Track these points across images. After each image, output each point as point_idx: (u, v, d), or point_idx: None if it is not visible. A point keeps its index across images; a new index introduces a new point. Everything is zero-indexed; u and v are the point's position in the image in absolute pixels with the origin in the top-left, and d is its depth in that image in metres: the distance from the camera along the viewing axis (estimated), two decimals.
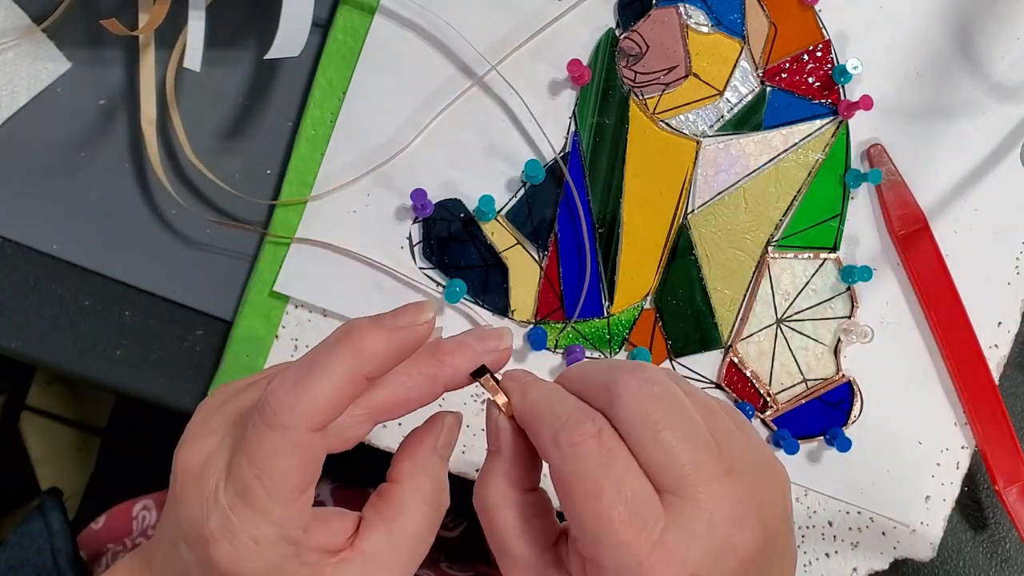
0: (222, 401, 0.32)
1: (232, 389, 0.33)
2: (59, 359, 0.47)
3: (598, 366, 0.30)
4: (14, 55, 0.46)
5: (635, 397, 0.28)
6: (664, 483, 0.27)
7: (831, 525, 0.50)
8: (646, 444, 0.27)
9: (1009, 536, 0.52)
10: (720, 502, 0.27)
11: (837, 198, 0.49)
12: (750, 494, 0.28)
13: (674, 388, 0.29)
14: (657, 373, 0.29)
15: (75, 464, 1.15)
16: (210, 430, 0.30)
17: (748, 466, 0.29)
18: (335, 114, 0.47)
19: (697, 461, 0.27)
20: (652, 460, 0.27)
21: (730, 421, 0.30)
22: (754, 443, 0.30)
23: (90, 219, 0.47)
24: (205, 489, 0.28)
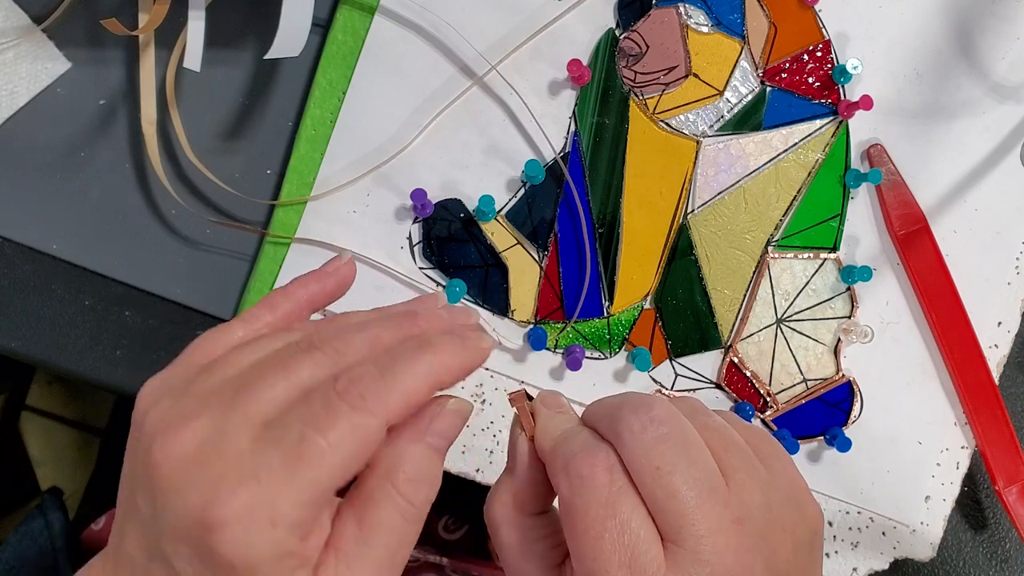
0: (178, 381, 0.30)
1: (182, 371, 0.31)
2: (59, 359, 0.47)
3: (609, 402, 0.30)
4: (14, 55, 0.46)
5: (638, 439, 0.27)
6: (667, 531, 0.27)
7: (831, 525, 0.50)
8: (649, 488, 0.27)
9: (1009, 536, 0.52)
10: (723, 554, 0.26)
11: (837, 198, 0.49)
12: (759, 543, 0.27)
13: (682, 428, 0.28)
14: (664, 410, 0.28)
15: (75, 464, 1.15)
16: (188, 415, 0.27)
17: (765, 509, 0.28)
18: (335, 114, 0.47)
19: (701, 510, 0.26)
20: (656, 505, 0.27)
21: (754, 457, 0.29)
22: (780, 482, 0.29)
23: (90, 219, 0.47)
24: (208, 470, 0.26)
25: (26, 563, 0.52)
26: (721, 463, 0.28)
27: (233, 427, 0.27)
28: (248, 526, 0.25)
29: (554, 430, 0.30)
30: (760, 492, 0.28)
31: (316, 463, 0.26)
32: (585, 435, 0.29)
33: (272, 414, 0.27)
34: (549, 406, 0.31)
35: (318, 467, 0.26)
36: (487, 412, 0.48)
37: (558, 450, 0.29)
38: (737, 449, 0.29)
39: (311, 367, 0.28)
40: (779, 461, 0.30)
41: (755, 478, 0.28)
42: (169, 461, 0.27)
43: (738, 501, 0.27)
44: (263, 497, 0.25)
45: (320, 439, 0.26)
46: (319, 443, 0.26)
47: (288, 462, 0.26)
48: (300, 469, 0.26)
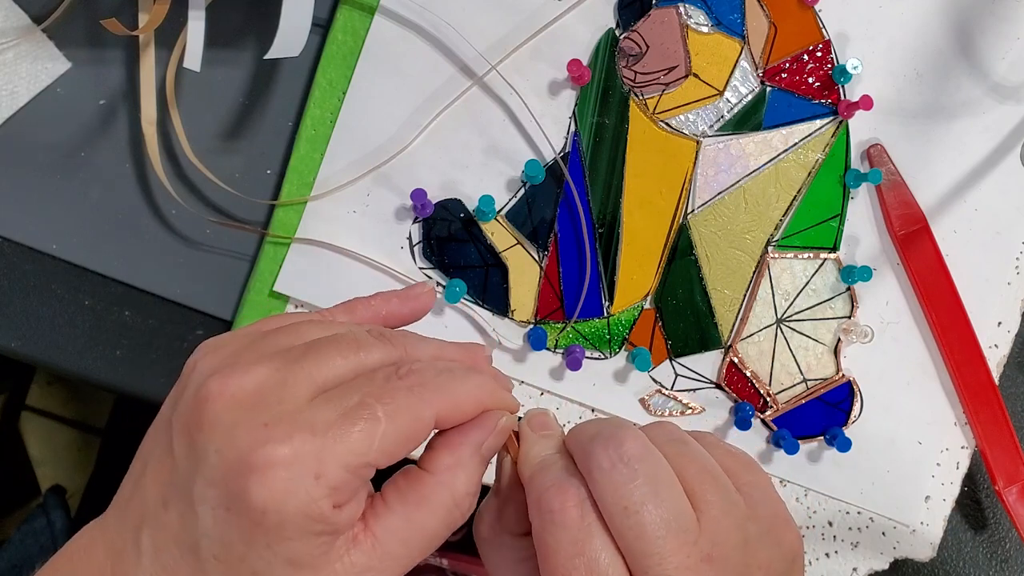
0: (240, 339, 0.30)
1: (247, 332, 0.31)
2: (59, 359, 0.47)
3: (586, 432, 0.30)
4: (14, 55, 0.46)
5: (607, 477, 0.27)
6: (635, 568, 0.27)
7: (831, 525, 0.50)
8: (617, 526, 0.27)
9: (1009, 536, 0.52)
10: None
11: (837, 198, 0.49)
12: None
13: (652, 464, 0.28)
14: (635, 447, 0.28)
15: (75, 464, 1.15)
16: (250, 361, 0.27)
17: (740, 545, 0.28)
18: (335, 114, 0.47)
19: (669, 549, 0.26)
20: (624, 543, 0.27)
21: (731, 487, 0.29)
22: (760, 512, 0.29)
23: (90, 219, 0.47)
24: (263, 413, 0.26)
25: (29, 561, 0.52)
26: (694, 497, 0.28)
27: (295, 380, 0.27)
28: (292, 474, 0.25)
29: (534, 457, 0.30)
30: (735, 528, 0.28)
31: (370, 430, 0.26)
32: (559, 467, 0.29)
33: (333, 383, 0.28)
34: (535, 427, 0.31)
35: (371, 434, 0.26)
36: None
37: (533, 481, 0.29)
38: (713, 481, 0.28)
39: (381, 352, 0.29)
40: (759, 490, 0.29)
41: (731, 514, 0.28)
42: (223, 398, 0.26)
43: (710, 539, 0.27)
44: (313, 449, 0.25)
45: (378, 408, 0.26)
46: (376, 411, 0.26)
47: (344, 422, 0.26)
48: (354, 431, 0.26)
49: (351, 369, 0.28)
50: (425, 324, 0.47)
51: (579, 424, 0.31)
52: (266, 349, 0.28)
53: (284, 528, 0.25)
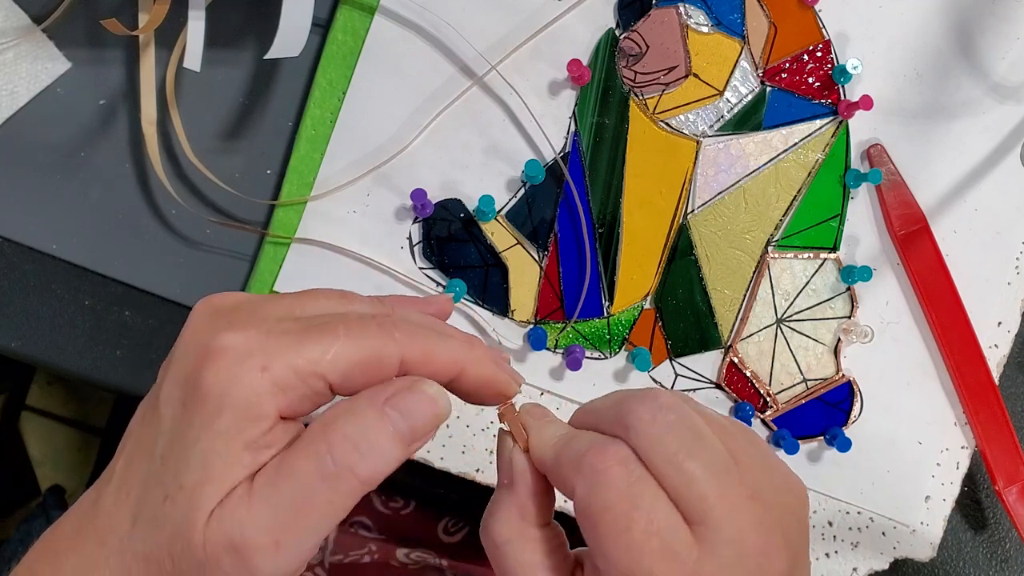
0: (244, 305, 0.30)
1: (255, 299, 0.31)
2: (59, 359, 0.47)
3: (607, 400, 0.30)
4: (14, 55, 0.46)
5: (649, 427, 0.27)
6: (690, 514, 0.27)
7: (831, 525, 0.50)
8: (667, 476, 0.27)
9: (1009, 536, 0.52)
10: (747, 531, 0.27)
11: (837, 198, 0.49)
12: (774, 517, 0.27)
13: (689, 412, 0.28)
14: (669, 399, 0.28)
15: (75, 464, 1.15)
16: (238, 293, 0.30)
17: (769, 487, 0.28)
18: (335, 114, 0.47)
19: (721, 490, 0.27)
20: (676, 491, 0.27)
21: (746, 440, 0.29)
22: (771, 462, 0.30)
23: (90, 219, 0.47)
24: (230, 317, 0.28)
25: None
26: (725, 445, 0.28)
27: (274, 305, 0.28)
28: (239, 361, 0.26)
29: (551, 437, 0.30)
30: (764, 470, 0.28)
31: (326, 343, 0.26)
32: (585, 436, 0.29)
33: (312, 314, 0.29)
34: (536, 416, 0.31)
35: (326, 347, 0.26)
36: (487, 412, 0.48)
37: (564, 453, 0.29)
38: (733, 433, 0.29)
39: (367, 305, 0.30)
40: (763, 444, 0.31)
41: (756, 457, 0.29)
42: (203, 309, 0.28)
43: (748, 480, 0.27)
44: (265, 345, 0.26)
45: (340, 327, 0.27)
46: (337, 329, 0.27)
47: (302, 333, 0.27)
48: (310, 340, 0.26)
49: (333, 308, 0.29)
50: None
51: (583, 405, 0.31)
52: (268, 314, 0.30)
53: (221, 415, 0.26)
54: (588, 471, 0.27)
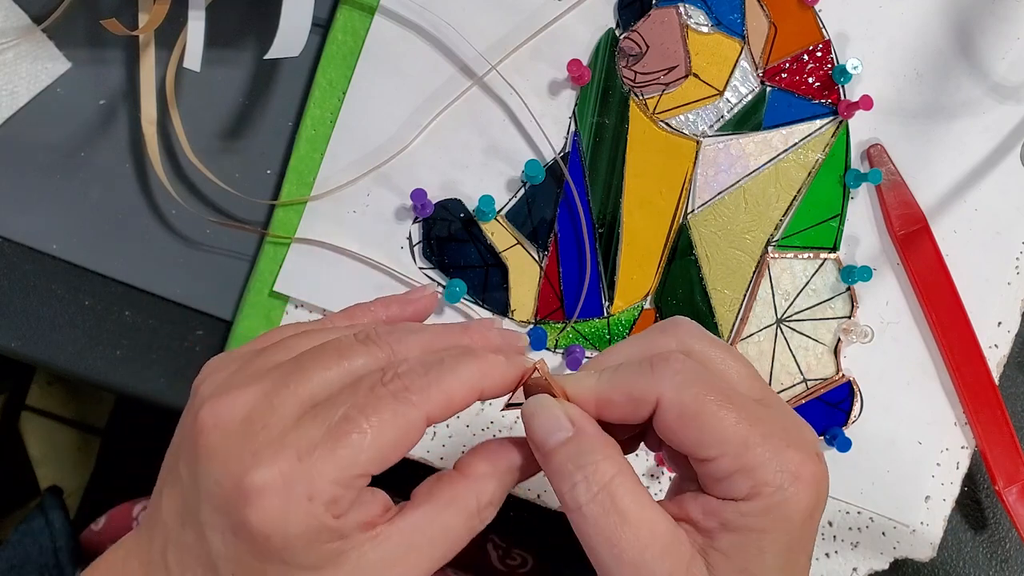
0: (237, 360, 0.31)
1: (245, 351, 0.32)
2: (59, 359, 0.47)
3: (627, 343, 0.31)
4: (14, 55, 0.46)
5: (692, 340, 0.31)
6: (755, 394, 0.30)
7: (831, 525, 0.50)
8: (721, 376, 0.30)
9: (1009, 536, 0.52)
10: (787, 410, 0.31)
11: (837, 198, 0.49)
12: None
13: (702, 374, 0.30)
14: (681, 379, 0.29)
15: (75, 464, 1.15)
16: (240, 385, 0.28)
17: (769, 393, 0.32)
18: (335, 114, 0.47)
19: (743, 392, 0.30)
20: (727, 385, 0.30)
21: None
22: None
23: (90, 219, 0.47)
24: (252, 440, 0.27)
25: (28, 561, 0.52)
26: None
27: (281, 401, 0.28)
28: (284, 498, 0.26)
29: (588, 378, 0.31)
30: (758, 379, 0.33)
31: (356, 443, 0.27)
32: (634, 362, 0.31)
33: (321, 396, 0.28)
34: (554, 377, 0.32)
35: (358, 447, 0.27)
36: (487, 412, 0.48)
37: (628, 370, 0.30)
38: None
39: (365, 357, 0.29)
40: None
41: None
42: (216, 427, 0.28)
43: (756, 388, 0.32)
44: (302, 471, 0.26)
45: (362, 420, 0.27)
46: (361, 424, 0.27)
47: (329, 439, 0.27)
48: (340, 447, 0.26)
49: (338, 378, 0.29)
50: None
51: (598, 357, 0.33)
52: (258, 368, 0.29)
53: (290, 546, 0.26)
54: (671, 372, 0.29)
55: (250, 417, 0.27)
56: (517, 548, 0.62)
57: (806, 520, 0.28)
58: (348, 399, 0.27)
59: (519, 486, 0.48)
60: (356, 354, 0.29)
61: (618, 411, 0.30)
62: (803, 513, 0.28)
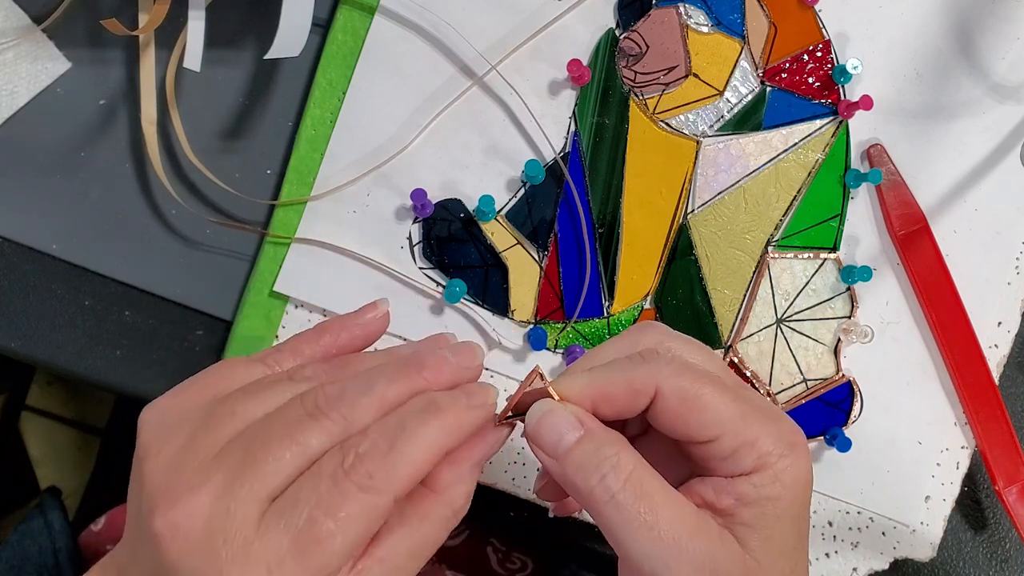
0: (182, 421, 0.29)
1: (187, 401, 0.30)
2: (59, 359, 0.47)
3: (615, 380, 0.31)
4: (14, 55, 0.46)
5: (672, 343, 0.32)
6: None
7: (831, 525, 0.50)
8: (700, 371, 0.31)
9: (1009, 536, 0.52)
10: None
11: (837, 198, 0.49)
12: None
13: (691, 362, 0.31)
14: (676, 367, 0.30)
15: (75, 464, 1.15)
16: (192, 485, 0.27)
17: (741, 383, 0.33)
18: (335, 114, 0.47)
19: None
20: None
21: None
22: None
23: (90, 219, 0.47)
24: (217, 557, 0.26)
25: (27, 562, 0.52)
26: None
27: (239, 504, 0.26)
28: None
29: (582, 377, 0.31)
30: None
31: (326, 547, 0.26)
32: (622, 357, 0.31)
33: (279, 487, 0.27)
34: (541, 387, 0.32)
35: (328, 550, 0.26)
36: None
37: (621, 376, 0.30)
38: None
39: (318, 435, 0.28)
40: None
41: None
42: (175, 540, 0.26)
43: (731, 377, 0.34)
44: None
45: (329, 522, 0.26)
46: (328, 526, 0.26)
47: (296, 547, 0.26)
48: (311, 555, 0.26)
49: (293, 466, 0.27)
50: (425, 324, 0.47)
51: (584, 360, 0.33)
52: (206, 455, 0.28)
53: None
54: (665, 362, 0.30)
55: (209, 529, 0.26)
56: (517, 551, 0.62)
57: (808, 483, 0.30)
58: (310, 496, 0.26)
59: (519, 487, 0.48)
60: (308, 435, 0.28)
61: (616, 405, 0.30)
62: (806, 476, 0.30)
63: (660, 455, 0.33)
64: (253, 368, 0.31)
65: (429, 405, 0.29)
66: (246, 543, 0.26)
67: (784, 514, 0.30)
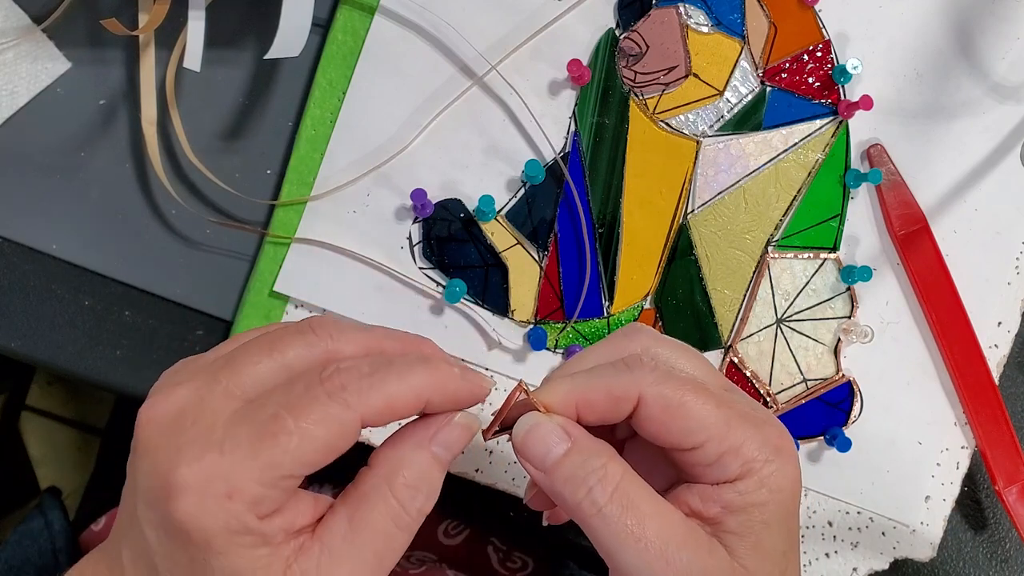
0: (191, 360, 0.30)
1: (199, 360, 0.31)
2: (59, 359, 0.47)
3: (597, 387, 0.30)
4: (14, 55, 0.46)
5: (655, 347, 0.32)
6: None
7: (831, 525, 0.50)
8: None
9: (1009, 536, 0.52)
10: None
11: (837, 198, 0.49)
12: None
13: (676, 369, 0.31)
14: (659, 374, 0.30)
15: (75, 464, 1.15)
16: (177, 382, 0.28)
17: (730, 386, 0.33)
18: (335, 114, 0.47)
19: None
20: None
21: None
22: None
23: (90, 219, 0.47)
24: (180, 436, 0.26)
25: (27, 563, 0.52)
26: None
27: (212, 397, 0.27)
28: (203, 495, 0.25)
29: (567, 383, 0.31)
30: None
31: (282, 444, 0.26)
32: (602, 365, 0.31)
33: (254, 391, 0.27)
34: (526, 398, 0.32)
35: (284, 449, 0.26)
36: (487, 412, 0.48)
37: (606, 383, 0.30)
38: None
39: (300, 347, 0.28)
40: None
41: None
42: (149, 423, 0.27)
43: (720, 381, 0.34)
44: (223, 468, 0.25)
45: (290, 420, 0.26)
46: (288, 424, 0.26)
47: (255, 439, 0.26)
48: (265, 447, 0.26)
49: (270, 373, 0.28)
50: (425, 325, 0.47)
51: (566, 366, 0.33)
52: (198, 365, 0.29)
53: (212, 544, 0.26)
54: (648, 369, 0.30)
55: (182, 412, 0.27)
56: (518, 551, 0.62)
57: (796, 487, 0.30)
58: (281, 397, 0.27)
59: (519, 487, 0.48)
60: (289, 345, 0.28)
61: (598, 412, 0.30)
62: (793, 481, 0.30)
63: (648, 459, 0.33)
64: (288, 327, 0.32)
65: (423, 359, 0.29)
66: (210, 428, 0.26)
67: (771, 519, 0.29)
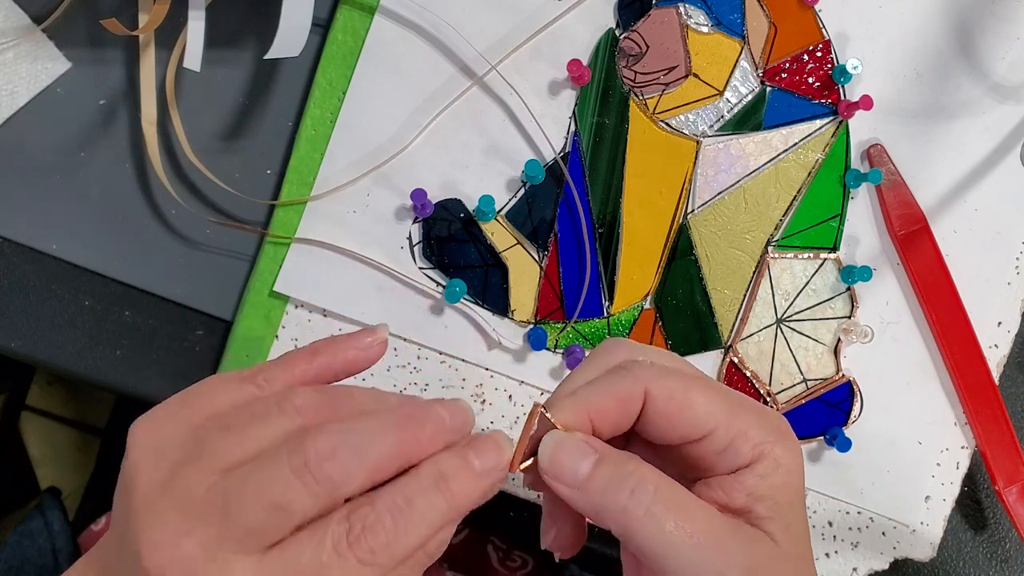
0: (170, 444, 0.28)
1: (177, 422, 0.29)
2: (59, 359, 0.47)
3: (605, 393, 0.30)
4: (14, 55, 0.46)
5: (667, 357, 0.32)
6: None
7: (831, 525, 0.50)
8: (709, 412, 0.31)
9: (1009, 536, 0.52)
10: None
11: (837, 198, 0.49)
12: None
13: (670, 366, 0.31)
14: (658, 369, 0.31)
15: (75, 464, 1.15)
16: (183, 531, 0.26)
17: None
18: (335, 114, 0.47)
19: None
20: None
21: None
22: None
23: (90, 219, 0.47)
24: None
25: (27, 563, 0.52)
26: None
27: (225, 556, 0.26)
28: None
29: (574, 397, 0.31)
30: None
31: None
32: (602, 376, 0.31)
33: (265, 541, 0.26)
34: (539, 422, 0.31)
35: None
36: (487, 412, 0.48)
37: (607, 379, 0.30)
38: None
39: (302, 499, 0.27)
40: None
41: None
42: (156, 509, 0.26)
43: None
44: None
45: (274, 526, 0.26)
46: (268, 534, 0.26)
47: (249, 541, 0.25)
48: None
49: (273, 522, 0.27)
50: (425, 325, 0.47)
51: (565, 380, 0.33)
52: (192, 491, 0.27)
53: None
54: (646, 367, 0.30)
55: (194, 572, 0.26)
56: (518, 549, 0.62)
57: (802, 468, 0.31)
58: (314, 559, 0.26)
59: (519, 487, 0.48)
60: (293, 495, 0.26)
61: (611, 419, 0.30)
62: (800, 461, 0.31)
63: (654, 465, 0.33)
64: (244, 388, 0.30)
65: (439, 481, 0.28)
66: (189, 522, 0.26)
67: (794, 500, 0.30)
